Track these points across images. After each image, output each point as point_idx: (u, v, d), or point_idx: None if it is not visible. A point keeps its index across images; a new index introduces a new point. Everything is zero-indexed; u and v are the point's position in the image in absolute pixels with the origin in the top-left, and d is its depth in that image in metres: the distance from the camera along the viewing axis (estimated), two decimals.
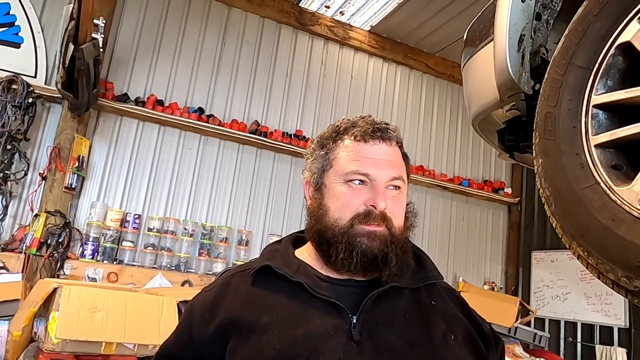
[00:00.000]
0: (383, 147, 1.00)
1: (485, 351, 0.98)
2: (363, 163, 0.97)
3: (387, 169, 0.98)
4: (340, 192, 0.98)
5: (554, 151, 1.15)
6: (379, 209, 0.94)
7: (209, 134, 4.42)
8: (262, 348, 0.87)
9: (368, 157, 0.98)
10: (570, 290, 4.79)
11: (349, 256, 0.93)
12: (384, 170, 0.97)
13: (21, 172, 3.64)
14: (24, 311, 2.05)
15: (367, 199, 0.95)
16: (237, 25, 4.74)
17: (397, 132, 1.04)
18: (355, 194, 0.96)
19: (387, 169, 0.98)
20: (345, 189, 0.97)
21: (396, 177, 0.99)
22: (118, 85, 4.17)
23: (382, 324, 0.91)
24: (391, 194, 0.98)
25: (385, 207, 0.95)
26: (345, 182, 0.98)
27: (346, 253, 0.94)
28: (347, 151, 1.00)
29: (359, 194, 0.96)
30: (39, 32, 3.94)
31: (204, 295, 1.02)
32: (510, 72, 1.39)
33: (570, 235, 1.10)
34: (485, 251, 5.59)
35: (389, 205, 0.96)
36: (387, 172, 0.98)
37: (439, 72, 5.61)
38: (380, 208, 0.94)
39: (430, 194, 5.36)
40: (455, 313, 1.00)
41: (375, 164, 0.97)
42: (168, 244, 4.06)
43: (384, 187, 0.97)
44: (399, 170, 1.00)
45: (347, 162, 0.99)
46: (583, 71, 1.14)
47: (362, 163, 0.97)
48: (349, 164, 0.98)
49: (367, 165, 0.97)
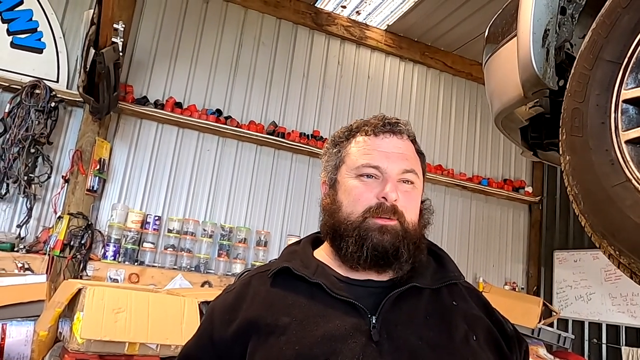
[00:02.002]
0: (394, 140, 0.99)
1: (508, 352, 0.96)
2: (374, 156, 0.97)
3: (398, 162, 0.97)
4: (352, 186, 0.97)
5: (582, 148, 1.13)
6: (389, 200, 0.93)
7: (227, 136, 4.45)
8: (282, 349, 0.87)
9: (379, 150, 0.98)
10: (594, 291, 4.69)
11: (359, 249, 0.93)
12: (395, 163, 0.96)
13: (44, 175, 3.71)
14: (50, 312, 2.08)
15: (379, 192, 0.94)
16: (253, 27, 4.76)
17: (408, 126, 1.03)
18: (366, 187, 0.96)
19: (398, 161, 0.97)
20: (357, 183, 0.97)
21: (408, 170, 0.97)
22: (137, 89, 4.22)
23: (401, 325, 0.90)
24: (403, 188, 0.96)
25: (396, 198, 0.93)
26: (356, 176, 0.97)
27: (356, 246, 0.93)
28: (358, 146, 1.00)
29: (370, 187, 0.95)
30: (60, 38, 4.01)
31: (224, 297, 1.03)
32: (534, 68, 1.37)
33: (600, 234, 1.07)
34: (505, 251, 5.52)
35: (400, 198, 0.94)
36: (398, 164, 0.96)
37: (457, 70, 5.55)
38: (391, 200, 0.93)
39: (449, 193, 5.31)
40: (477, 313, 0.98)
41: (386, 156, 0.97)
42: (188, 245, 4.09)
43: (395, 180, 0.96)
44: (411, 164, 0.98)
45: (358, 156, 0.99)
46: (612, 65, 1.12)
47: (373, 156, 0.97)
48: (360, 158, 0.98)
49: (378, 158, 0.97)
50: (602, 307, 4.59)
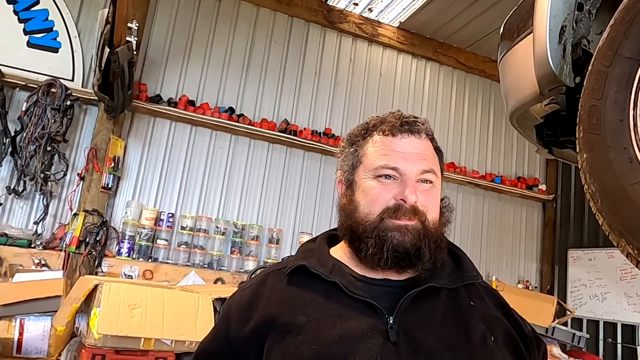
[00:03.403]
0: (412, 141, 0.98)
1: (527, 354, 0.94)
2: (392, 157, 0.96)
3: (416, 162, 0.96)
4: (369, 187, 0.96)
5: (600, 146, 1.12)
6: (409, 202, 0.92)
7: (240, 134, 4.47)
8: (299, 348, 0.87)
9: (397, 150, 0.96)
10: (609, 290, 4.63)
11: (379, 251, 0.92)
12: (414, 164, 0.95)
13: (60, 173, 3.76)
14: (67, 307, 2.12)
15: (397, 193, 0.93)
16: (266, 25, 4.78)
17: (427, 124, 1.01)
18: (384, 188, 0.95)
19: (417, 162, 0.96)
20: (374, 184, 0.96)
21: (427, 170, 0.96)
22: (151, 87, 4.25)
23: (419, 325, 0.89)
24: (423, 188, 0.96)
25: (415, 200, 0.93)
26: (374, 177, 0.96)
27: (376, 248, 0.92)
28: (375, 146, 0.99)
29: (388, 188, 0.95)
30: (75, 37, 4.05)
31: (240, 295, 1.03)
32: (551, 65, 1.36)
33: (618, 233, 1.06)
34: (519, 249, 5.47)
35: (420, 199, 0.94)
36: (417, 165, 0.95)
37: (470, 67, 5.51)
38: (410, 202, 0.92)
39: (462, 191, 5.28)
40: (495, 314, 0.97)
41: (404, 157, 0.96)
42: (201, 242, 4.12)
43: (414, 180, 0.95)
44: (430, 163, 0.97)
45: (375, 157, 0.97)
46: (631, 62, 1.10)
47: (391, 157, 0.96)
48: (378, 159, 0.97)
49: (396, 159, 0.95)
50: (618, 306, 4.53)
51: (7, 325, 2.56)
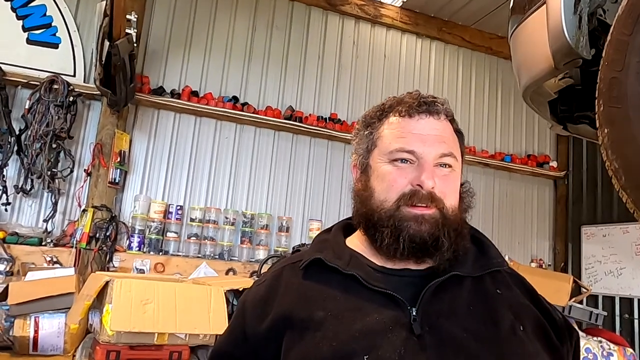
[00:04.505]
0: (430, 122, 0.92)
1: (558, 343, 0.90)
2: (408, 140, 0.90)
3: (434, 145, 0.90)
4: (385, 172, 0.91)
5: (622, 120, 1.06)
6: (425, 188, 0.87)
7: (245, 122, 4.42)
8: (318, 345, 0.83)
9: (414, 132, 0.91)
10: (624, 265, 4.58)
11: (395, 241, 0.87)
12: (432, 147, 0.90)
13: (67, 170, 3.75)
14: (80, 304, 2.11)
15: (413, 178, 0.88)
16: (266, 10, 4.70)
17: (447, 104, 0.96)
18: (400, 173, 0.90)
19: (435, 144, 0.90)
20: (390, 169, 0.91)
21: (445, 154, 0.91)
22: (153, 79, 4.21)
23: (443, 316, 0.85)
24: (441, 172, 0.90)
25: (433, 186, 0.88)
26: (390, 161, 0.91)
27: (392, 238, 0.88)
28: (391, 128, 0.93)
29: (404, 173, 0.89)
30: (75, 31, 4.01)
31: (255, 290, 0.99)
32: (566, 37, 1.30)
33: None
34: (531, 228, 5.42)
35: (438, 184, 0.88)
36: (435, 148, 0.90)
37: (476, 44, 5.40)
38: (427, 187, 0.87)
39: (471, 171, 5.21)
40: (524, 302, 0.92)
41: (422, 139, 0.90)
42: (210, 234, 4.12)
43: (432, 164, 0.89)
44: (449, 146, 0.92)
45: (391, 139, 0.92)
46: None
47: (408, 140, 0.90)
48: (394, 142, 0.91)
49: (413, 141, 0.90)
50: (634, 281, 4.48)
51: (22, 324, 2.57)
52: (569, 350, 0.93)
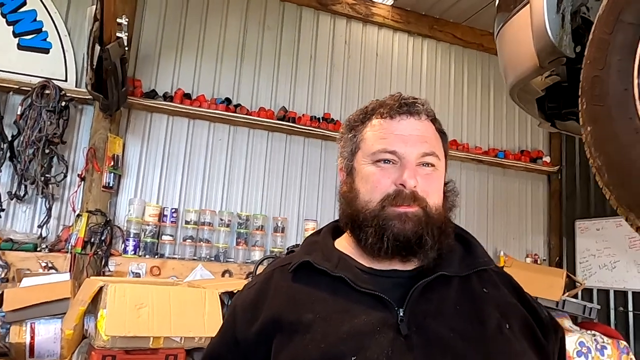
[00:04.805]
0: (411, 122, 0.94)
1: (544, 340, 0.91)
2: (390, 140, 0.92)
3: (416, 145, 0.92)
4: (369, 173, 0.93)
5: (604, 117, 1.08)
6: (408, 187, 0.89)
7: (238, 124, 4.43)
8: (307, 348, 0.84)
9: (395, 133, 0.92)
10: (618, 259, 4.61)
11: (379, 240, 0.89)
12: (413, 147, 0.91)
13: (61, 175, 3.74)
14: (74, 310, 2.12)
15: (396, 178, 0.90)
16: (257, 11, 4.70)
17: (427, 105, 0.97)
18: (384, 174, 0.91)
19: (417, 144, 0.92)
20: (374, 170, 0.93)
21: (427, 153, 0.92)
22: (145, 82, 4.21)
23: (431, 316, 0.86)
24: (424, 172, 0.92)
25: (415, 185, 0.89)
26: (373, 162, 0.93)
27: (376, 237, 0.89)
28: (374, 130, 0.95)
29: (387, 173, 0.91)
30: (65, 36, 4.00)
31: (246, 294, 1.01)
32: (550, 36, 1.31)
33: (627, 207, 1.03)
34: (525, 223, 5.44)
35: (420, 183, 0.90)
36: (417, 148, 0.91)
37: (467, 42, 5.42)
38: (410, 186, 0.89)
39: (465, 168, 5.23)
40: (510, 300, 0.93)
41: (403, 140, 0.92)
42: (206, 236, 4.12)
43: (414, 164, 0.91)
44: (431, 146, 0.93)
45: (374, 141, 0.94)
46: (633, 28, 1.06)
47: (389, 141, 0.92)
48: (376, 143, 0.93)
49: (395, 142, 0.92)
50: (627, 274, 4.51)
51: (18, 330, 2.57)
52: (555, 348, 0.94)
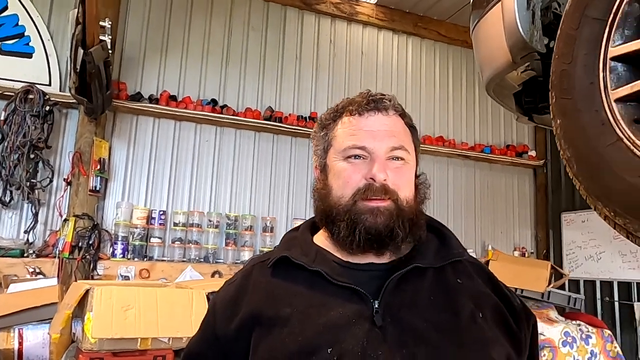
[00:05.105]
0: (379, 118, 0.97)
1: (516, 328, 0.94)
2: (359, 136, 0.95)
3: (384, 140, 0.94)
4: (340, 169, 0.96)
5: (572, 110, 1.11)
6: (378, 181, 0.91)
7: (225, 125, 4.43)
8: (284, 341, 0.87)
9: (364, 129, 0.95)
10: (604, 250, 4.68)
11: (351, 234, 0.91)
12: (382, 141, 0.94)
13: (46, 180, 3.72)
14: (61, 314, 2.12)
15: (366, 173, 0.92)
16: (241, 12, 4.70)
17: (394, 100, 1.00)
18: (354, 169, 0.94)
19: (385, 139, 0.94)
20: (345, 165, 0.95)
21: (396, 147, 0.95)
22: (131, 85, 4.20)
23: (405, 307, 0.89)
24: (393, 165, 0.94)
25: (385, 178, 0.91)
26: (344, 158, 0.96)
27: (348, 230, 0.91)
28: (344, 127, 0.98)
29: (358, 168, 0.94)
30: (48, 40, 3.97)
31: (225, 290, 1.02)
32: (520, 32, 1.34)
33: (595, 197, 1.06)
34: (513, 217, 5.50)
35: (390, 176, 0.92)
36: (385, 142, 0.94)
37: (452, 38, 5.46)
38: (379, 180, 0.91)
39: (452, 164, 5.28)
40: (484, 290, 0.96)
41: (372, 135, 0.95)
42: (195, 237, 4.12)
43: (383, 158, 0.93)
44: (400, 140, 0.96)
45: (344, 138, 0.97)
46: (598, 23, 1.09)
47: (359, 136, 0.95)
48: (346, 140, 0.96)
49: (364, 137, 0.95)
50: (613, 265, 4.58)
51: (6, 337, 2.56)
52: (527, 335, 0.97)
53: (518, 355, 0.94)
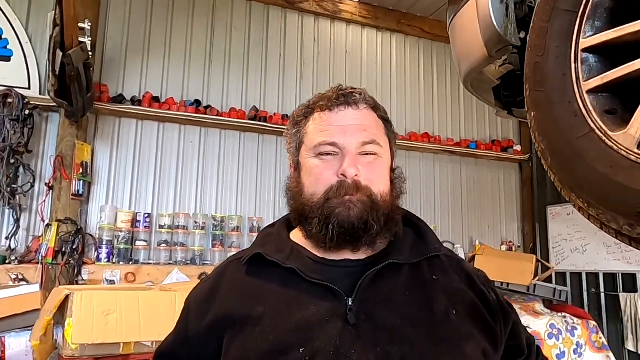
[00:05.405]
0: (349, 113, 0.95)
1: (492, 322, 0.93)
2: (330, 132, 0.93)
3: (355, 135, 0.92)
4: (312, 166, 0.94)
5: (546, 102, 1.11)
6: (349, 176, 0.90)
7: (209, 125, 4.39)
8: (256, 340, 0.85)
9: (335, 125, 0.94)
10: (589, 242, 4.72)
11: (325, 228, 0.90)
12: (352, 136, 0.92)
13: (27, 185, 3.66)
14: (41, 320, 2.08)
15: (338, 169, 0.91)
16: (224, 11, 4.67)
17: (365, 94, 0.98)
18: (326, 166, 0.92)
19: (356, 134, 0.92)
20: (317, 162, 0.94)
21: (367, 142, 0.93)
22: (112, 87, 4.15)
23: (380, 304, 0.88)
24: (365, 160, 0.93)
25: (356, 174, 0.90)
26: (316, 155, 0.94)
27: (322, 225, 0.90)
28: (315, 124, 0.97)
29: (329, 165, 0.92)
30: (27, 43, 3.91)
31: (200, 288, 1.01)
32: (495, 25, 1.34)
33: (569, 188, 1.06)
34: (499, 211, 5.54)
35: (362, 172, 0.91)
36: (356, 137, 0.92)
37: (435, 35, 5.47)
38: (350, 175, 0.90)
39: (438, 160, 5.29)
40: (458, 286, 0.95)
41: (342, 130, 0.93)
42: (181, 239, 4.08)
43: (354, 154, 0.92)
44: (371, 134, 0.94)
45: (315, 134, 0.95)
46: (569, 15, 1.09)
47: (329, 132, 0.93)
48: (317, 136, 0.95)
49: (334, 133, 0.93)
50: (598, 256, 4.63)
51: None
52: (503, 329, 0.96)
53: (495, 348, 0.93)
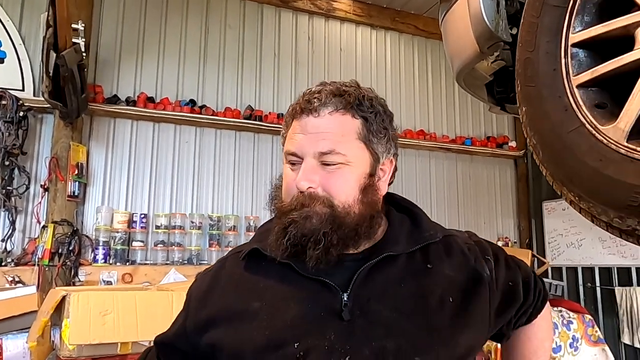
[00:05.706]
0: (310, 121, 0.90)
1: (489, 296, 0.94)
2: (293, 141, 0.91)
3: (312, 145, 0.88)
4: (285, 174, 0.94)
5: (536, 97, 1.12)
6: (301, 189, 0.88)
7: (204, 125, 4.39)
8: (252, 335, 0.86)
9: (297, 133, 0.91)
10: (584, 237, 4.75)
11: (277, 240, 0.88)
12: (309, 147, 0.88)
13: (23, 187, 3.65)
14: (37, 322, 2.08)
15: (296, 180, 0.89)
16: (218, 10, 4.66)
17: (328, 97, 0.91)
18: (292, 175, 0.91)
19: (313, 144, 0.88)
20: (288, 171, 0.93)
21: (325, 152, 0.88)
22: (107, 88, 4.14)
23: (375, 298, 0.87)
24: (328, 169, 0.88)
25: (308, 186, 0.87)
26: (288, 162, 0.94)
27: (279, 233, 0.88)
28: (290, 130, 0.95)
29: (295, 174, 0.91)
30: (20, 44, 3.90)
31: (200, 280, 1.03)
32: (486, 21, 1.35)
33: (560, 182, 1.07)
34: (495, 207, 5.56)
35: (322, 182, 0.88)
36: (313, 147, 0.88)
37: (429, 32, 5.48)
38: (302, 188, 0.87)
39: (433, 157, 5.31)
40: (453, 273, 0.93)
41: (302, 140, 0.90)
42: (177, 239, 4.08)
43: (314, 164, 0.88)
44: (331, 143, 0.88)
45: (287, 142, 0.95)
46: (558, 10, 1.10)
47: (293, 141, 0.91)
48: (287, 144, 0.94)
49: (297, 143, 0.90)
50: (593, 251, 4.66)
51: None
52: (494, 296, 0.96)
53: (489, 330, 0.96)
